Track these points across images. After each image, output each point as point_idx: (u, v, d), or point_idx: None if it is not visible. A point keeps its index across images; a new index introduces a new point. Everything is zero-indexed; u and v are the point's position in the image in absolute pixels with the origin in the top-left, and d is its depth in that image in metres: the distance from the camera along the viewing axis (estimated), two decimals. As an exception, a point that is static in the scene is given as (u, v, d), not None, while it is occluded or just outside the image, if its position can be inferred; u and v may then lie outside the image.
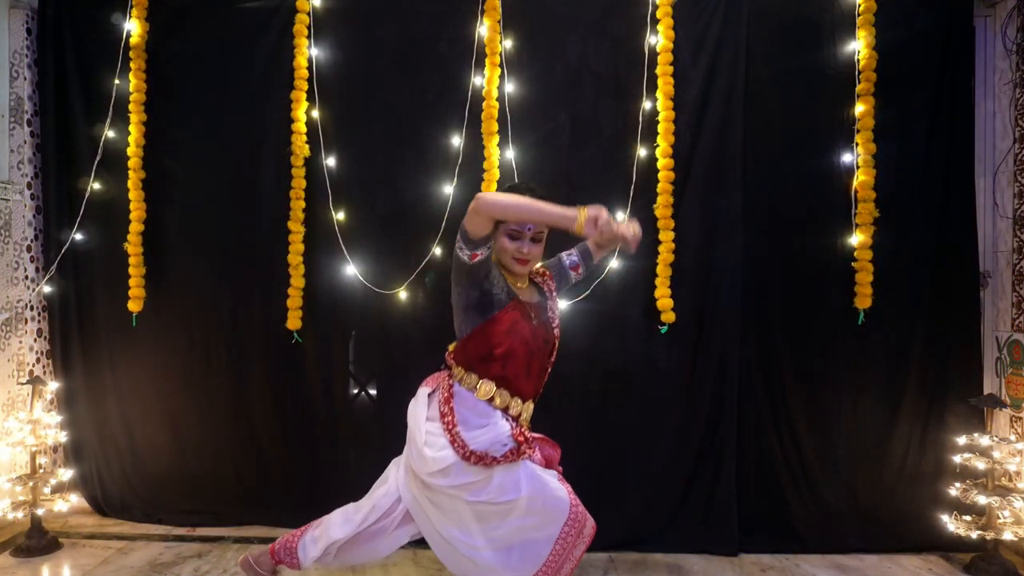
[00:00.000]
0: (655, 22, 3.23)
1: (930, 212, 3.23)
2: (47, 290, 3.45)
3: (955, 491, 3.03)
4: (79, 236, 3.41)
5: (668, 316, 3.20)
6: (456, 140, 3.27)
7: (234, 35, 3.39)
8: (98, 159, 3.38)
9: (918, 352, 3.22)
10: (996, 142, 3.35)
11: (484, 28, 3.25)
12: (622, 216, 3.22)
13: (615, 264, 3.25)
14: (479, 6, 3.27)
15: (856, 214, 3.19)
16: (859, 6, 3.19)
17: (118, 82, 3.37)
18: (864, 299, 3.17)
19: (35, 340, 3.49)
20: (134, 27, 3.36)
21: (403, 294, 3.31)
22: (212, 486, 3.42)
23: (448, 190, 3.27)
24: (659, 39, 3.22)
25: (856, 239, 3.18)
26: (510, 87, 3.27)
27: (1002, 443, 2.97)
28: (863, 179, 3.17)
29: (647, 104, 3.24)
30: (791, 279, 3.25)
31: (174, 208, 3.44)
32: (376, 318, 3.34)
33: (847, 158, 3.23)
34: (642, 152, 3.24)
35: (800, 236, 3.25)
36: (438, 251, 3.28)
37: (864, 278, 3.16)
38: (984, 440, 2.98)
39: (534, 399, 2.30)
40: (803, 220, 3.25)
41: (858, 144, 3.19)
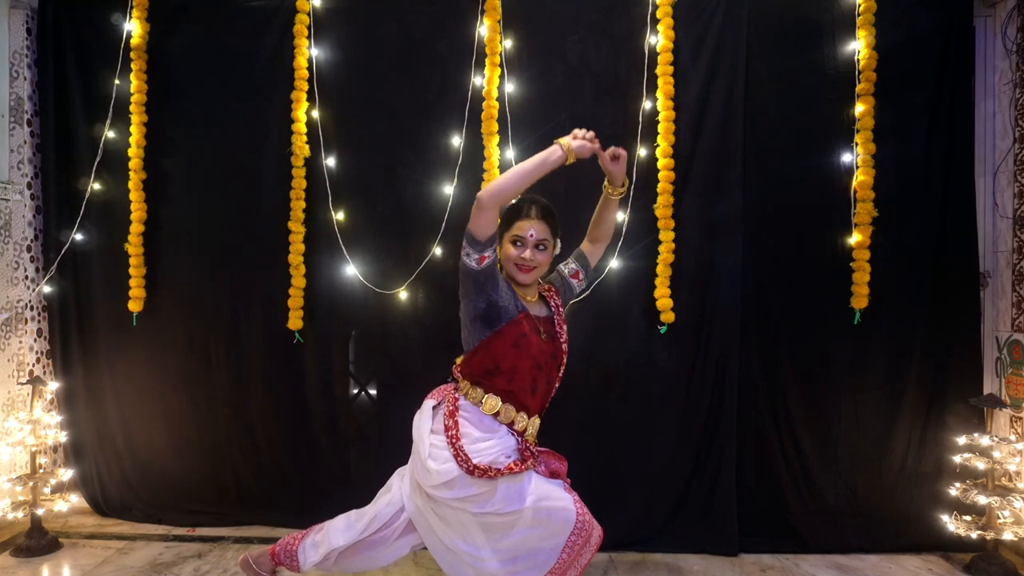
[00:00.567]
0: (655, 22, 3.23)
1: (930, 212, 3.23)
2: (47, 290, 3.45)
3: (955, 491, 3.02)
4: (79, 236, 3.41)
5: (668, 316, 3.20)
6: (456, 140, 3.27)
7: (234, 35, 3.39)
8: (98, 159, 3.38)
9: (918, 352, 3.22)
10: (996, 142, 3.35)
11: (484, 28, 3.25)
12: (622, 216, 3.22)
13: (615, 264, 3.25)
14: (479, 6, 3.27)
15: (855, 214, 3.19)
16: (859, 6, 3.19)
17: (118, 82, 3.38)
18: (860, 299, 3.17)
19: (35, 340, 3.49)
20: (135, 27, 3.36)
21: (403, 294, 3.31)
22: (212, 486, 3.42)
23: (448, 190, 3.27)
24: (659, 39, 3.22)
25: (855, 239, 3.18)
26: (510, 87, 3.27)
27: (1002, 443, 2.97)
28: (862, 179, 3.17)
29: (647, 104, 3.24)
30: (791, 279, 3.25)
31: (174, 208, 3.44)
32: (376, 318, 3.35)
33: (847, 158, 3.23)
34: (642, 152, 3.24)
35: (800, 236, 3.25)
36: (438, 251, 3.28)
37: (861, 278, 3.16)
38: (984, 440, 2.98)
39: (540, 414, 2.29)
40: (803, 220, 3.25)
41: (858, 144, 3.19)
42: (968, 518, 3.02)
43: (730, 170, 3.23)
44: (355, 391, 3.45)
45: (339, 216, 3.33)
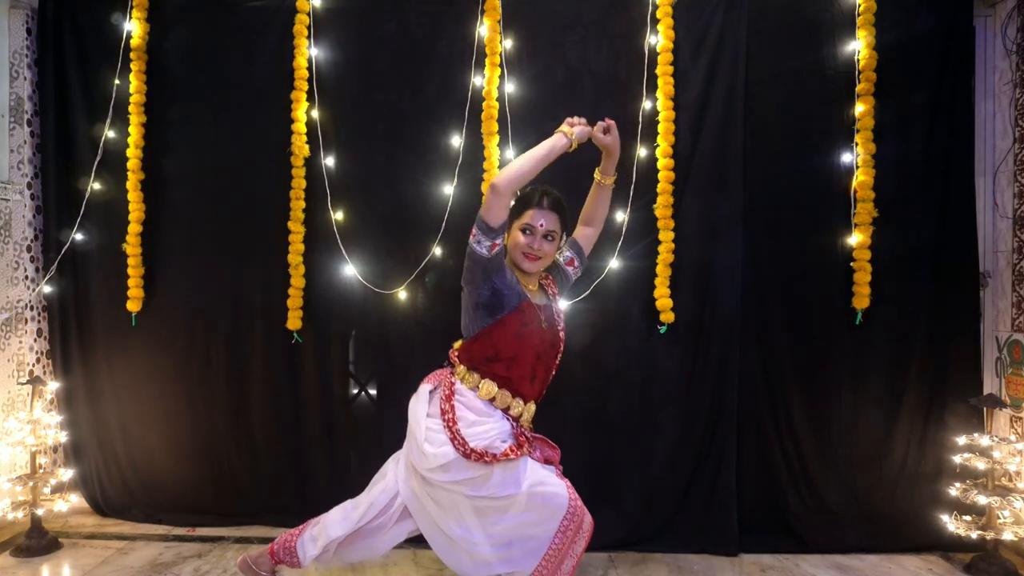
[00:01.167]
0: (655, 22, 3.23)
1: (930, 212, 3.23)
2: (47, 290, 3.45)
3: (955, 491, 3.02)
4: (79, 236, 3.41)
5: (668, 316, 3.20)
6: (456, 140, 3.27)
7: (234, 36, 3.39)
8: (98, 159, 3.38)
9: (918, 352, 3.22)
10: (996, 142, 3.34)
11: (484, 28, 3.25)
12: (622, 216, 3.22)
13: (615, 264, 3.24)
14: (479, 6, 3.27)
15: (855, 214, 3.19)
16: (859, 6, 3.18)
17: (118, 82, 3.37)
18: (861, 299, 3.17)
19: (35, 340, 3.49)
20: (134, 28, 3.36)
21: (403, 294, 3.31)
22: (212, 486, 3.42)
23: (448, 190, 3.27)
24: (659, 39, 3.22)
25: (855, 239, 3.18)
26: (510, 87, 3.27)
27: (1002, 443, 2.96)
28: (862, 179, 3.17)
29: (647, 104, 3.23)
30: (791, 279, 3.25)
31: (174, 208, 3.44)
32: (376, 318, 3.34)
33: (847, 158, 3.23)
34: (642, 152, 3.24)
35: (800, 236, 3.25)
36: (438, 251, 3.28)
37: (862, 278, 3.16)
38: (984, 440, 2.98)
39: (536, 401, 2.31)
40: (803, 220, 3.25)
41: (858, 144, 3.19)
42: (968, 518, 3.02)
43: (730, 170, 3.23)
44: (355, 391, 3.45)
45: (338, 216, 3.33)
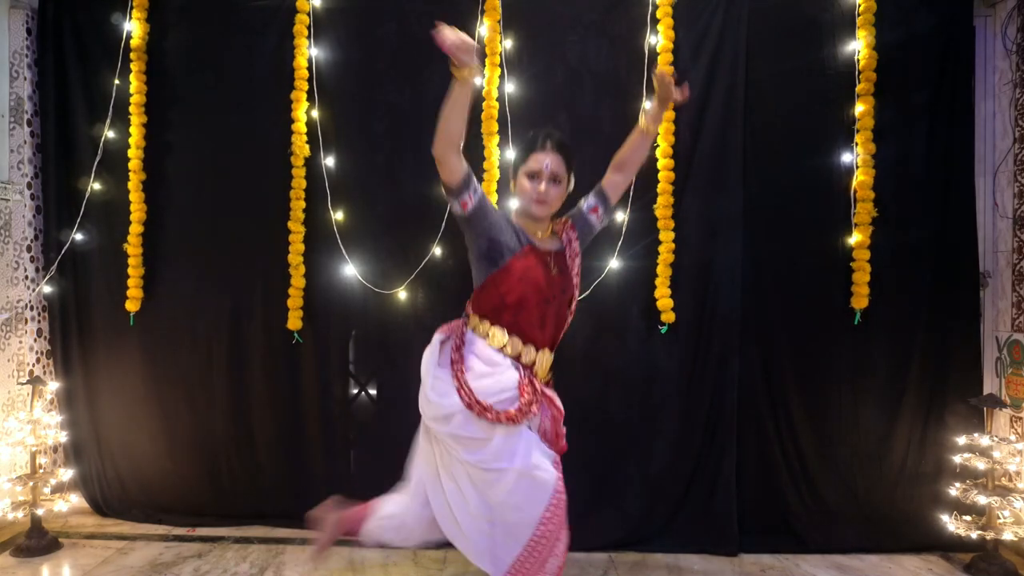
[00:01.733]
0: (655, 22, 3.23)
1: (930, 212, 3.23)
2: (47, 290, 3.44)
3: (955, 491, 3.02)
4: (79, 236, 3.41)
5: (668, 316, 3.20)
6: (456, 140, 3.27)
7: (234, 35, 3.39)
8: (98, 159, 3.38)
9: (918, 352, 3.22)
10: (996, 142, 3.34)
11: (484, 28, 3.25)
12: (622, 216, 3.22)
13: (615, 264, 3.24)
14: (479, 6, 3.26)
15: (855, 214, 3.18)
16: (859, 6, 3.18)
17: (118, 82, 3.37)
18: (860, 299, 3.17)
19: (35, 340, 3.48)
20: (134, 28, 3.36)
21: (403, 294, 3.31)
22: (212, 486, 3.41)
23: (448, 190, 3.26)
24: (659, 39, 3.21)
25: (854, 239, 3.18)
26: (510, 87, 3.26)
27: (1002, 443, 2.96)
28: (862, 179, 3.17)
29: (647, 104, 3.22)
30: (791, 279, 3.25)
31: (174, 208, 3.43)
32: (376, 318, 3.34)
33: (847, 158, 3.23)
34: (642, 152, 3.24)
35: (800, 236, 3.25)
36: (438, 251, 3.28)
37: (861, 278, 3.16)
38: (984, 440, 2.97)
39: (551, 348, 2.26)
40: (803, 220, 3.25)
41: (858, 144, 3.19)
42: (968, 518, 3.01)
43: (730, 170, 3.23)
44: (355, 391, 3.45)
45: (338, 216, 3.33)
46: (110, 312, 3.43)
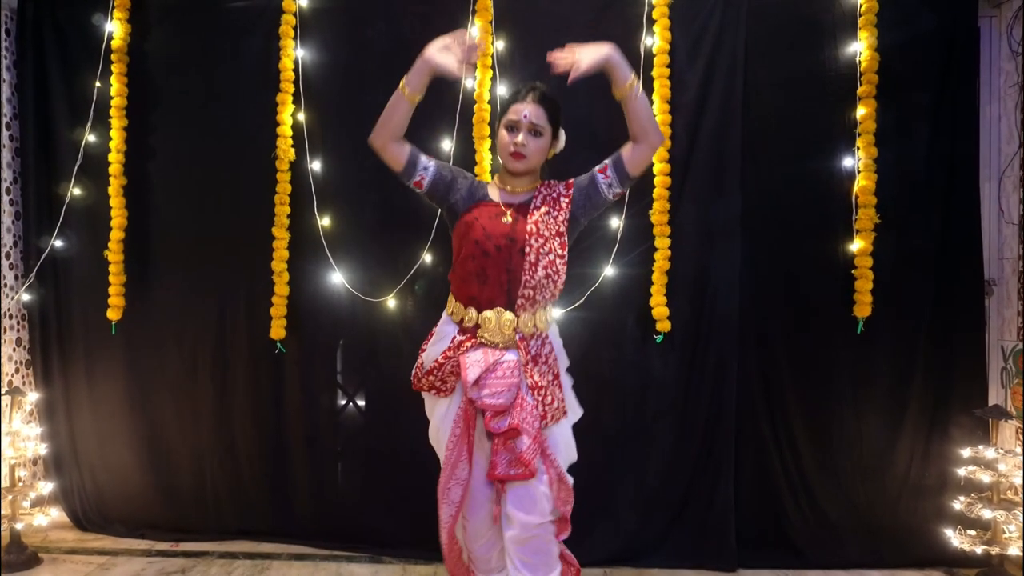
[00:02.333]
0: (651, 23, 3.16)
1: (933, 218, 3.16)
2: (26, 298, 3.37)
3: (959, 505, 2.96)
4: (59, 243, 3.34)
5: (664, 325, 3.13)
6: (447, 144, 3.20)
7: (218, 36, 3.32)
8: (78, 164, 3.31)
9: (921, 362, 3.15)
10: (1001, 146, 3.27)
11: (475, 29, 3.18)
12: (617, 222, 3.16)
13: (610, 272, 3.17)
14: (470, 6, 3.19)
15: (856, 219, 3.12)
16: (860, 6, 3.11)
17: (99, 84, 3.30)
18: (863, 307, 3.10)
19: (14, 350, 3.41)
20: (116, 28, 3.28)
21: (392, 302, 3.24)
22: (195, 500, 3.35)
23: (438, 195, 3.19)
24: (655, 40, 3.14)
25: (856, 245, 3.11)
26: (502, 89, 3.19)
27: (1007, 455, 2.90)
28: (864, 184, 3.10)
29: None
30: (791, 287, 3.19)
31: (156, 214, 3.37)
32: (364, 327, 3.27)
33: (848, 162, 3.16)
34: (637, 156, 3.17)
35: (800, 242, 3.18)
36: (428, 258, 3.21)
37: (863, 286, 3.09)
38: (989, 452, 2.92)
39: (508, 306, 2.06)
40: (803, 226, 3.18)
41: (859, 148, 3.12)
42: (973, 532, 2.96)
43: (728, 175, 3.16)
44: (343, 403, 3.39)
45: (325, 222, 3.26)
46: (91, 321, 3.36)
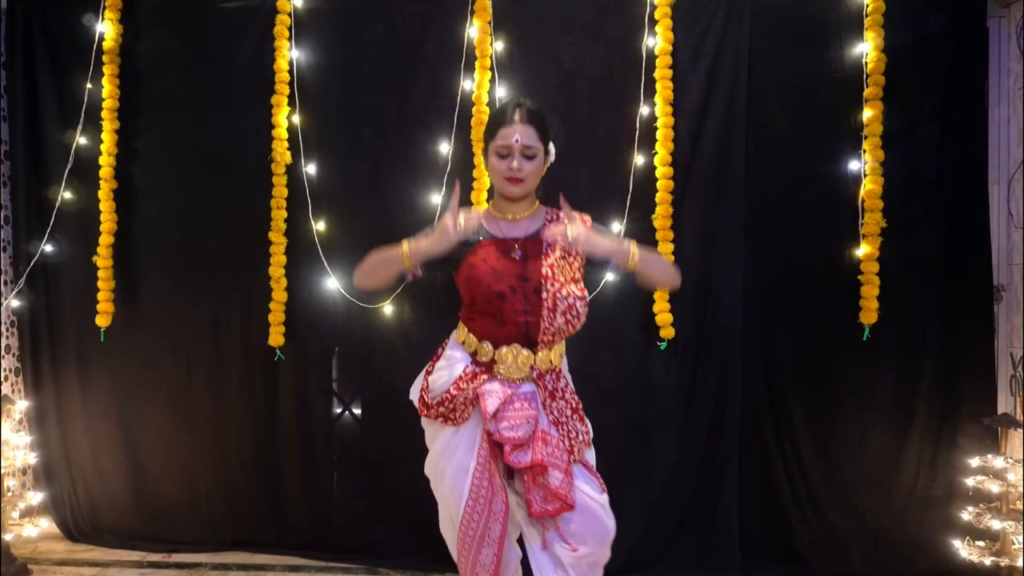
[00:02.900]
0: (653, 23, 3.11)
1: (941, 222, 3.11)
2: (16, 304, 3.31)
3: (967, 515, 2.92)
4: (49, 248, 3.28)
5: (667, 332, 3.08)
6: (444, 147, 3.15)
7: (211, 37, 3.27)
8: (69, 167, 3.25)
9: (929, 369, 3.11)
10: (1011, 149, 3.22)
11: (474, 29, 3.13)
12: (618, 227, 3.11)
13: (611, 277, 3.12)
14: (468, 6, 3.15)
15: (863, 224, 3.07)
16: (867, 6, 3.06)
17: (90, 86, 3.24)
18: (869, 314, 3.05)
19: (3, 357, 3.35)
20: (107, 29, 3.22)
21: (388, 309, 3.19)
22: (188, 510, 3.30)
23: (436, 199, 3.15)
24: (657, 41, 3.10)
25: (862, 251, 3.06)
26: (501, 91, 3.15)
27: (1017, 465, 2.84)
28: (871, 188, 3.05)
29: (645, 109, 3.11)
30: (795, 292, 3.15)
31: (148, 218, 3.32)
32: (360, 334, 3.23)
33: (854, 166, 3.11)
34: (639, 160, 3.12)
35: (805, 248, 3.14)
36: (426, 264, 3.17)
37: (870, 291, 3.04)
38: (998, 462, 2.87)
39: (525, 344, 2.00)
40: (808, 231, 3.14)
41: (866, 151, 3.07)
42: (981, 543, 2.91)
43: (732, 178, 3.12)
44: (338, 411, 3.34)
45: (320, 226, 3.22)
46: (83, 328, 3.31)
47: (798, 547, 3.12)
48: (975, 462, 2.93)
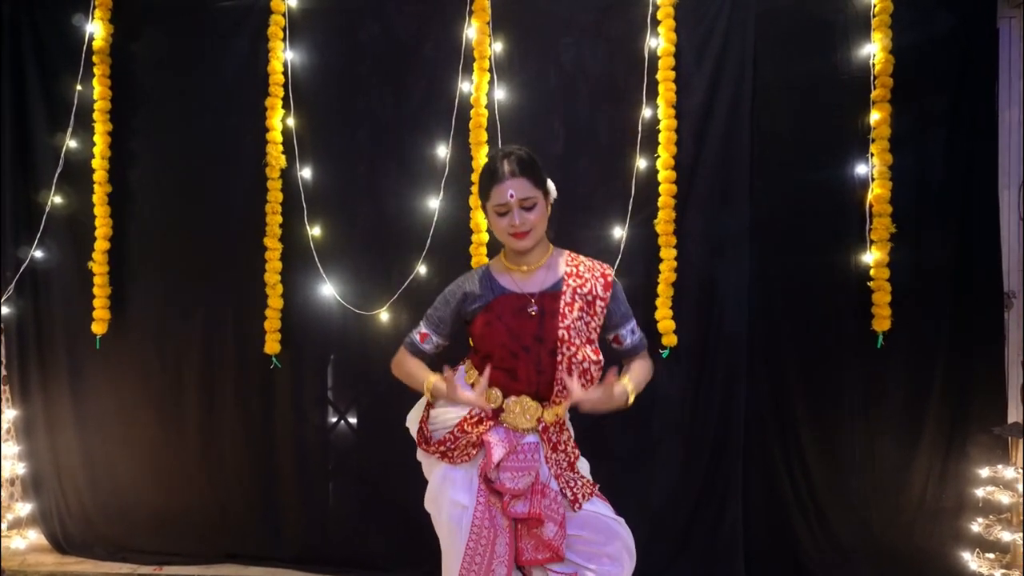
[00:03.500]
0: (656, 23, 3.06)
1: (950, 227, 3.06)
2: (4, 311, 3.26)
3: (977, 527, 2.89)
4: (39, 253, 3.24)
5: (670, 339, 3.03)
6: (442, 150, 3.11)
7: (204, 38, 3.22)
8: (59, 170, 3.20)
9: (938, 378, 3.06)
10: (1021, 152, 3.17)
11: (472, 30, 3.08)
12: (621, 232, 3.05)
13: (613, 283, 3.07)
14: (467, 6, 3.09)
15: (871, 229, 3.01)
16: (874, 7, 3.01)
17: (80, 88, 3.19)
18: (882, 321, 2.99)
19: (-10, 365, 3.31)
20: (98, 29, 3.17)
21: (385, 315, 3.14)
22: (180, 522, 3.25)
23: (434, 204, 3.10)
24: (660, 42, 3.05)
25: (872, 256, 3.01)
26: (500, 93, 3.10)
27: (1028, 476, 2.80)
28: (879, 192, 2.99)
29: (647, 111, 3.07)
30: (801, 299, 3.10)
31: (141, 223, 3.27)
32: (356, 341, 3.18)
33: (861, 169, 3.06)
34: (642, 163, 3.07)
35: (811, 253, 3.09)
36: (423, 269, 3.11)
37: (882, 298, 2.99)
38: (1008, 472, 2.83)
39: (534, 397, 1.99)
40: (814, 236, 3.09)
41: (873, 154, 3.02)
42: (991, 556, 2.87)
43: (736, 182, 3.07)
44: (334, 420, 3.29)
45: (315, 232, 3.16)
46: (73, 335, 3.26)
47: (804, 559, 3.08)
48: (985, 473, 2.90)
